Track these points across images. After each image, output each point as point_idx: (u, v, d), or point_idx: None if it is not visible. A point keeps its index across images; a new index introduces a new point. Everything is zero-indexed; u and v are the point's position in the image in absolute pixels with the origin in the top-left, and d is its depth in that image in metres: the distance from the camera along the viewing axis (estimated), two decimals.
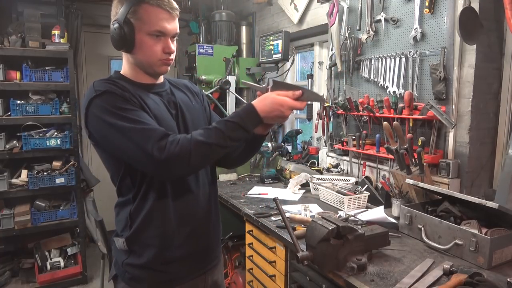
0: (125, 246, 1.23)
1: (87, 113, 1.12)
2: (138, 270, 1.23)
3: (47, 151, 3.10)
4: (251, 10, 3.82)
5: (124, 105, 1.10)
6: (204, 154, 1.08)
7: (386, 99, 2.14)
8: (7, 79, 2.97)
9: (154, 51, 1.17)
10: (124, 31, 1.15)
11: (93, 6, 4.01)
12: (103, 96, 1.10)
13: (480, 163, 1.96)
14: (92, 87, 1.13)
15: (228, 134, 1.08)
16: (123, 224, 1.25)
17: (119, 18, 1.15)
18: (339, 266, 1.33)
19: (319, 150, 3.01)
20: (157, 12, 1.15)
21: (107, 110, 1.09)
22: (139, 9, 1.14)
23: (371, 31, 2.32)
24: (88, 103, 1.11)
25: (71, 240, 3.35)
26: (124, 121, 1.07)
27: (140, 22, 1.15)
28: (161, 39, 1.17)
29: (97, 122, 1.11)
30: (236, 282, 2.65)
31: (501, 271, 1.35)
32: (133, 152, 1.08)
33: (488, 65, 1.89)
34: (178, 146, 1.05)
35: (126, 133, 1.07)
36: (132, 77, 1.22)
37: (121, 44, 1.17)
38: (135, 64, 1.21)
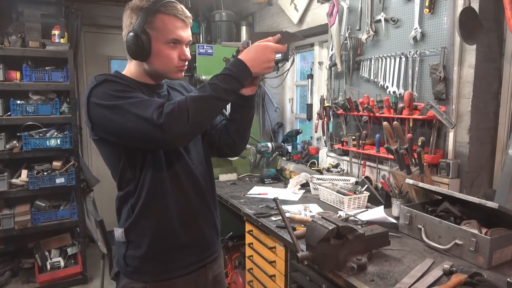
0: (123, 237, 1.25)
1: (89, 103, 1.14)
2: (138, 261, 1.25)
3: (47, 151, 3.10)
4: (251, 10, 3.82)
5: (123, 88, 1.13)
6: (201, 108, 1.09)
7: (386, 99, 2.14)
8: (7, 79, 2.97)
9: (171, 59, 1.20)
10: (142, 41, 1.16)
11: (93, 6, 4.01)
12: (103, 84, 1.13)
13: (480, 163, 1.96)
14: (93, 79, 1.16)
15: (222, 86, 1.11)
16: (124, 217, 1.27)
17: (135, 28, 1.16)
18: (339, 266, 1.33)
19: (319, 150, 3.01)
20: (173, 21, 1.18)
21: (106, 94, 1.11)
22: (155, 19, 1.16)
23: (371, 31, 2.32)
24: (89, 93, 1.14)
25: (71, 240, 3.35)
26: (122, 100, 1.09)
27: (157, 32, 1.17)
28: (177, 47, 1.21)
29: (98, 108, 1.12)
30: (236, 282, 2.65)
31: (501, 271, 1.35)
32: (133, 123, 1.07)
33: (488, 65, 1.89)
34: (176, 105, 1.07)
35: (125, 107, 1.08)
36: (136, 77, 1.25)
37: (138, 54, 1.18)
38: (149, 70, 1.23)
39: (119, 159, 1.22)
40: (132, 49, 1.17)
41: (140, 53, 1.18)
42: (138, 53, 1.18)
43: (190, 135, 1.15)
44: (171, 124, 1.05)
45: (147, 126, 1.06)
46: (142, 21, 1.15)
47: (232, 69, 1.14)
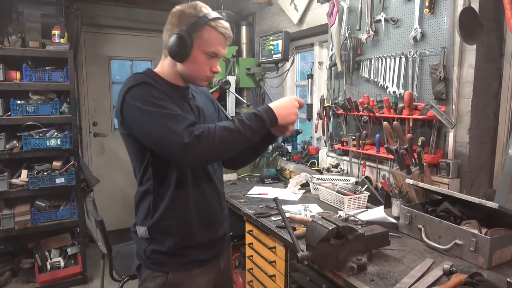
0: (146, 234, 1.33)
1: (124, 100, 1.20)
2: (161, 255, 1.33)
3: (47, 151, 3.10)
4: (251, 10, 3.82)
5: (159, 95, 1.20)
6: (227, 140, 1.17)
7: (386, 99, 2.14)
8: (7, 79, 2.97)
9: (204, 68, 1.30)
10: (185, 45, 1.23)
11: (93, 6, 4.02)
12: (141, 86, 1.20)
13: (480, 163, 1.96)
14: (132, 78, 1.25)
15: (250, 125, 1.20)
16: (144, 214, 1.34)
17: (183, 32, 1.23)
18: (339, 266, 1.33)
19: (319, 150, 3.01)
20: (218, 37, 1.28)
21: (143, 98, 1.18)
22: (203, 30, 1.25)
23: (371, 31, 2.32)
24: (126, 90, 1.20)
25: (71, 240, 3.35)
26: (157, 108, 1.16)
27: (201, 41, 1.25)
28: (212, 60, 1.30)
29: (132, 107, 1.19)
30: (236, 282, 2.65)
31: (501, 271, 1.35)
32: (162, 134, 1.15)
33: (488, 65, 1.89)
34: (206, 130, 1.14)
35: (158, 116, 1.15)
36: (167, 78, 1.32)
37: (177, 54, 1.25)
38: (180, 72, 1.31)
39: (144, 157, 1.29)
40: (174, 49, 1.24)
41: (180, 54, 1.25)
42: (178, 54, 1.25)
43: (208, 161, 1.27)
44: (196, 146, 1.12)
45: (174, 140, 1.13)
46: (192, 29, 1.23)
47: (262, 112, 1.24)
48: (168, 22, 1.29)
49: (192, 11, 1.25)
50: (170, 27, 1.28)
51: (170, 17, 1.29)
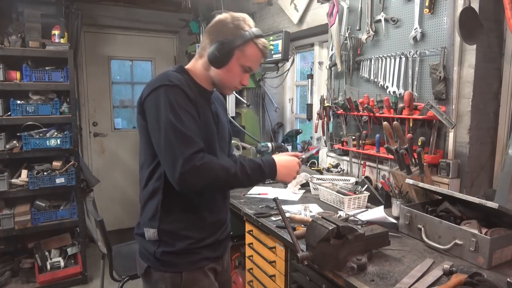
0: (155, 237, 1.32)
1: (150, 94, 1.22)
2: (172, 256, 1.32)
3: (47, 151, 3.10)
4: (251, 10, 3.82)
5: (185, 105, 1.22)
6: (222, 180, 1.23)
7: (386, 99, 2.14)
8: (7, 79, 2.97)
9: (236, 79, 1.35)
10: (227, 54, 1.28)
11: (93, 6, 4.02)
12: (173, 88, 1.22)
13: (480, 163, 1.96)
14: (166, 76, 1.25)
15: (249, 173, 1.25)
16: (150, 214, 1.32)
17: (228, 42, 1.28)
18: (339, 266, 1.33)
19: (319, 150, 3.01)
20: (258, 55, 1.34)
21: (170, 101, 1.20)
22: (247, 45, 1.30)
23: (371, 31, 2.32)
24: (157, 86, 1.22)
25: (71, 240, 3.35)
26: (177, 120, 1.18)
27: (241, 54, 1.30)
28: (245, 73, 1.36)
29: (155, 105, 1.21)
30: (236, 282, 2.65)
31: (501, 271, 1.35)
32: (167, 146, 1.18)
33: (488, 65, 1.89)
34: (206, 162, 1.18)
35: (173, 129, 1.18)
36: (198, 79, 1.35)
37: (216, 60, 1.29)
38: (211, 76, 1.34)
39: (156, 154, 1.27)
40: (215, 55, 1.28)
41: (219, 61, 1.29)
42: (217, 60, 1.29)
43: (195, 190, 1.27)
44: (191, 176, 1.16)
45: (174, 159, 1.16)
46: (237, 41, 1.28)
47: (266, 166, 1.30)
48: (213, 26, 1.33)
49: (241, 24, 1.30)
50: (214, 32, 1.31)
51: (216, 22, 1.33)
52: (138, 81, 4.63)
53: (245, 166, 1.25)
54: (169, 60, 4.64)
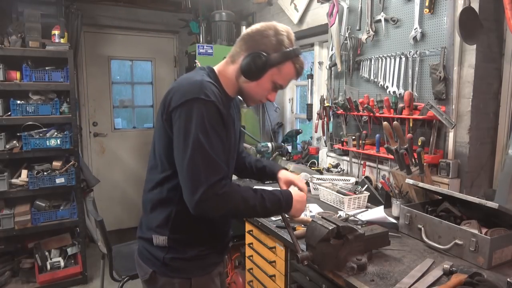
0: (165, 243, 1.28)
1: (184, 104, 1.14)
2: (182, 262, 1.29)
3: (47, 151, 3.10)
4: (251, 10, 3.82)
5: (216, 124, 1.16)
6: (239, 210, 1.20)
7: (386, 99, 2.14)
8: (7, 79, 2.97)
9: (264, 94, 1.31)
10: (262, 69, 1.23)
11: (93, 6, 4.02)
12: (208, 105, 1.14)
13: (480, 163, 1.96)
14: (202, 86, 1.16)
15: (267, 206, 1.23)
16: (160, 221, 1.28)
17: (267, 57, 1.22)
18: (339, 266, 1.33)
19: (319, 150, 3.01)
20: (292, 74, 1.29)
21: (202, 119, 1.12)
22: (286, 63, 1.25)
23: (371, 31, 2.32)
24: (192, 98, 1.13)
25: (71, 240, 3.35)
26: (206, 140, 1.12)
27: (277, 71, 1.25)
28: (274, 90, 1.31)
29: (186, 120, 1.13)
30: (236, 282, 2.65)
31: (501, 271, 1.35)
32: (190, 167, 1.12)
33: (488, 65, 1.89)
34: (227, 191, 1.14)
35: (199, 151, 1.12)
36: (226, 86, 1.29)
37: (250, 72, 1.24)
38: (240, 86, 1.29)
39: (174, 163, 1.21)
40: (250, 67, 1.23)
41: (252, 75, 1.24)
42: (251, 72, 1.23)
43: (210, 216, 1.23)
44: (210, 204, 1.13)
45: (196, 183, 1.11)
46: (277, 59, 1.23)
47: (284, 200, 1.28)
48: (254, 35, 1.25)
49: (284, 40, 1.23)
50: (253, 41, 1.24)
51: (258, 31, 1.25)
52: (138, 81, 4.63)
53: (265, 199, 1.22)
54: (169, 60, 4.64)
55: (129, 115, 4.66)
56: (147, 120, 4.74)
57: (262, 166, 1.64)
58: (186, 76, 1.28)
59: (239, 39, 1.29)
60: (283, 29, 1.25)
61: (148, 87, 4.67)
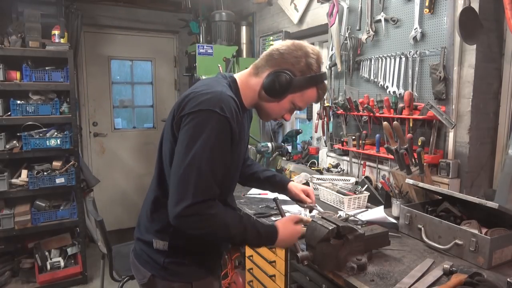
0: (165, 248, 1.25)
1: (198, 112, 1.09)
2: (182, 267, 1.27)
3: (47, 151, 3.10)
4: (251, 10, 3.82)
5: (225, 144, 1.13)
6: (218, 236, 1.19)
7: (386, 99, 2.14)
8: (7, 79, 2.97)
9: (281, 113, 1.29)
10: (286, 90, 1.20)
11: (93, 6, 4.02)
12: (221, 121, 1.10)
13: (480, 163, 1.96)
14: (221, 98, 1.12)
15: (246, 237, 1.19)
16: (160, 226, 1.26)
17: (293, 79, 1.19)
18: (339, 266, 1.33)
19: (319, 150, 3.01)
20: (313, 99, 1.27)
21: (210, 135, 1.09)
22: (310, 88, 1.23)
23: (371, 31, 2.32)
24: (207, 109, 1.09)
25: (71, 240, 3.35)
26: (208, 159, 1.08)
27: (300, 94, 1.23)
28: (292, 110, 1.30)
29: (195, 130, 1.09)
30: (236, 282, 2.65)
31: (501, 271, 1.35)
32: (183, 179, 1.08)
33: (488, 65, 1.89)
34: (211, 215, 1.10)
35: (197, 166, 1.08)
36: (245, 98, 1.26)
37: (272, 90, 1.21)
38: (259, 100, 1.26)
39: None
40: (274, 85, 1.19)
41: (274, 94, 1.21)
42: (274, 91, 1.20)
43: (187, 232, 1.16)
44: (190, 222, 1.10)
45: (182, 196, 1.07)
46: (303, 83, 1.20)
47: (264, 232, 1.23)
48: (283, 51, 1.21)
49: (313, 64, 1.20)
50: (281, 58, 1.20)
51: (288, 49, 1.21)
52: (138, 81, 4.63)
53: (247, 231, 1.18)
54: (169, 60, 4.65)
55: (129, 115, 4.66)
56: (147, 120, 4.74)
57: (272, 175, 1.62)
58: (206, 82, 1.23)
59: (267, 53, 1.24)
60: (313, 52, 1.22)
61: (148, 87, 4.67)
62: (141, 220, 1.35)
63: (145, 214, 1.33)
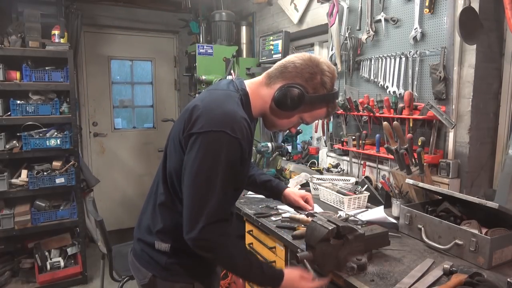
0: (166, 250, 1.26)
1: (207, 133, 1.08)
2: (185, 267, 1.28)
3: (47, 151, 3.10)
4: (251, 10, 3.82)
5: (234, 163, 1.12)
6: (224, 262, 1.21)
7: (386, 99, 2.14)
8: (7, 79, 2.97)
9: (287, 126, 1.28)
10: (296, 105, 1.18)
11: (93, 6, 4.02)
12: (231, 141, 1.09)
13: (480, 163, 1.96)
14: (233, 119, 1.10)
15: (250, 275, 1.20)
16: (163, 229, 1.26)
17: (305, 95, 1.17)
18: (339, 266, 1.33)
19: (319, 150, 3.01)
20: (323, 116, 1.27)
21: (221, 157, 1.08)
22: (318, 105, 1.22)
23: (371, 31, 2.32)
24: (217, 130, 1.07)
25: (71, 240, 3.35)
26: (222, 179, 1.09)
27: (309, 110, 1.22)
28: (298, 124, 1.29)
29: (206, 148, 1.08)
30: (236, 282, 2.64)
31: (501, 271, 1.35)
32: (193, 205, 1.10)
33: (488, 65, 1.89)
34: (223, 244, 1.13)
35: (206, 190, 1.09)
36: (253, 108, 1.24)
37: (282, 106, 1.19)
38: (269, 111, 1.24)
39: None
40: (285, 99, 1.17)
41: (284, 107, 1.18)
42: (284, 105, 1.18)
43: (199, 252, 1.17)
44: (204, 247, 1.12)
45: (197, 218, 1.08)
46: (315, 100, 1.18)
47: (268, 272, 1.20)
48: (297, 65, 1.18)
49: (327, 83, 1.18)
50: (295, 71, 1.18)
51: (303, 63, 1.18)
52: (138, 81, 4.63)
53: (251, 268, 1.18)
54: (169, 60, 4.65)
55: (129, 115, 4.66)
56: (147, 120, 4.74)
57: (268, 180, 1.61)
58: (218, 97, 1.19)
59: (282, 64, 1.22)
60: (329, 70, 1.19)
61: (148, 87, 4.67)
62: (142, 221, 1.34)
63: (147, 216, 1.31)
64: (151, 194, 1.33)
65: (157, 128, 4.64)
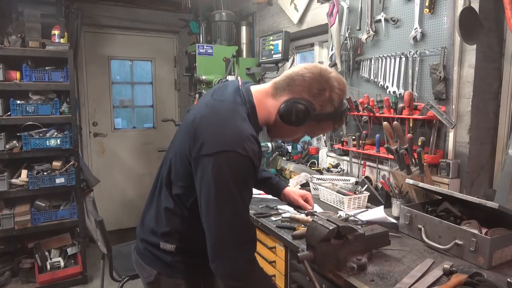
0: (172, 250, 1.25)
1: (217, 154, 1.04)
2: (190, 265, 1.27)
3: (47, 151, 3.10)
4: (251, 10, 3.82)
5: (248, 180, 1.10)
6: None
7: (386, 99, 2.14)
8: (7, 79, 2.97)
9: (291, 137, 1.28)
10: (302, 121, 1.15)
11: (93, 6, 4.02)
12: (243, 159, 1.05)
13: (480, 163, 1.96)
14: (242, 137, 1.07)
15: None
16: (168, 231, 1.24)
17: (312, 111, 1.14)
18: (339, 266, 1.33)
19: (319, 150, 3.01)
20: (327, 131, 1.27)
21: (236, 176, 1.05)
22: (325, 121, 1.19)
23: (371, 31, 2.32)
24: (228, 150, 1.04)
25: (71, 240, 3.35)
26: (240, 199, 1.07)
27: (316, 125, 1.19)
28: (302, 136, 1.29)
29: (218, 171, 1.04)
30: None
31: (501, 271, 1.35)
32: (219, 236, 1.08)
33: (488, 65, 1.89)
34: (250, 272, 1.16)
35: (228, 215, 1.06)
36: (259, 118, 1.20)
37: (288, 119, 1.15)
38: (275, 122, 1.20)
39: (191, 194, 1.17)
40: (290, 114, 1.13)
41: (290, 121, 1.15)
42: (289, 119, 1.14)
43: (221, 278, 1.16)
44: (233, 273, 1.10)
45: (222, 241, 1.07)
46: (321, 117, 1.16)
47: None
48: (307, 78, 1.13)
49: (336, 100, 1.14)
50: (303, 84, 1.13)
51: (314, 76, 1.13)
52: (138, 81, 4.63)
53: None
54: (169, 60, 4.65)
55: (129, 115, 4.66)
56: (147, 120, 4.74)
57: (268, 177, 1.61)
58: (225, 113, 1.13)
59: (290, 75, 1.16)
60: (339, 87, 1.15)
61: (148, 87, 4.67)
62: (145, 222, 1.33)
63: (151, 218, 1.30)
64: (154, 196, 1.31)
65: (157, 128, 4.64)
